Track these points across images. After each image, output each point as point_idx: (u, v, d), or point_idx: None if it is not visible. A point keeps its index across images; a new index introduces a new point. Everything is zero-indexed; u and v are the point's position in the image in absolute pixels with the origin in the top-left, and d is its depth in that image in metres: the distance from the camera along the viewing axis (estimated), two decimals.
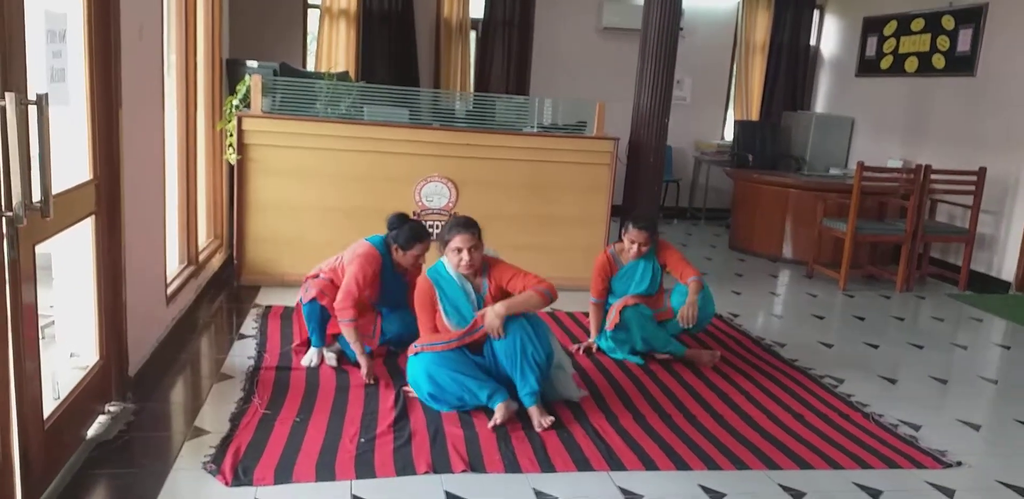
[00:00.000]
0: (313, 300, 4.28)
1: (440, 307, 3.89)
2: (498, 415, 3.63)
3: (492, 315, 3.69)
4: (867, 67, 9.34)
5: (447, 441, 3.47)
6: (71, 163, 3.30)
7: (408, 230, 4.29)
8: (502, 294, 3.87)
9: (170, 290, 4.61)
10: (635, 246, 4.72)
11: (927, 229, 7.09)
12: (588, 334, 5.01)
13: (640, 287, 4.81)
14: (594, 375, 4.43)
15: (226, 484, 3.02)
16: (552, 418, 3.70)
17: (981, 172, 6.97)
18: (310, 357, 4.32)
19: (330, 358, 4.32)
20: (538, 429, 3.63)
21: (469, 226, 3.82)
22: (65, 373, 3.39)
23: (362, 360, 4.14)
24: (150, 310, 4.19)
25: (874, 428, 3.94)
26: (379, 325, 4.44)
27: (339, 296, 4.16)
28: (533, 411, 3.69)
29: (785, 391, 4.38)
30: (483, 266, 3.94)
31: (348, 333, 4.15)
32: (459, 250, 3.78)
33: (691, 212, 10.48)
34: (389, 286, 4.42)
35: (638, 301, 4.71)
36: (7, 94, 2.34)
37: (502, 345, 3.72)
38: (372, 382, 4.08)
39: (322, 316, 4.31)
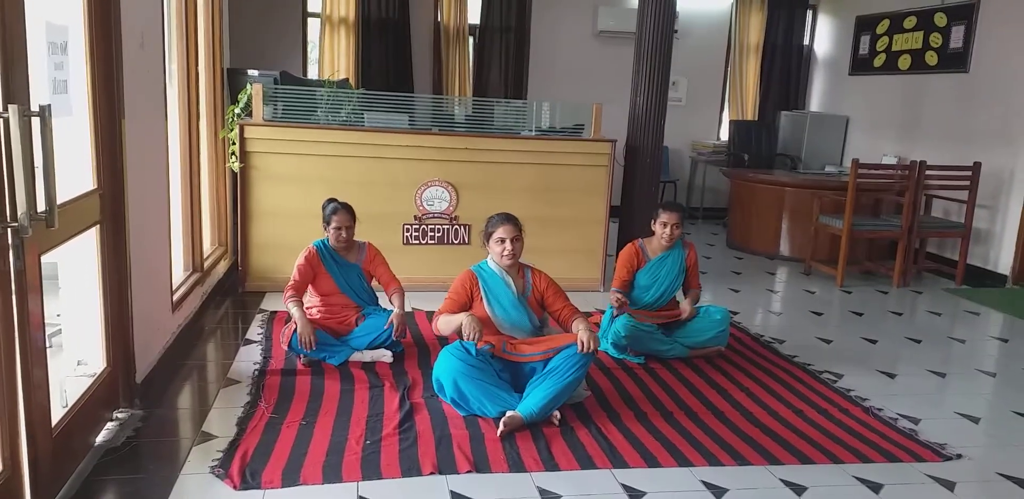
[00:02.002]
0: (293, 337, 4.37)
1: (485, 303, 4.04)
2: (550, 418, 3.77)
3: (589, 334, 3.76)
4: (860, 65, 9.39)
5: (452, 442, 3.51)
6: (75, 173, 3.34)
7: (329, 206, 4.62)
8: (542, 303, 4.12)
9: (176, 297, 4.64)
10: (668, 228, 4.78)
11: (923, 224, 7.14)
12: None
13: (666, 281, 4.87)
14: (595, 374, 4.47)
15: (234, 488, 3.05)
16: (558, 414, 3.76)
17: (976, 167, 7.01)
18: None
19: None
20: (555, 421, 3.72)
21: (512, 219, 4.08)
22: (73, 381, 3.42)
23: (299, 320, 4.32)
24: (156, 317, 4.22)
25: (874, 422, 3.98)
26: (359, 321, 4.62)
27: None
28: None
29: (785, 387, 4.42)
30: (526, 269, 4.17)
31: (290, 307, 4.39)
32: (502, 240, 4.02)
33: (688, 212, 10.50)
34: (339, 275, 4.63)
35: (645, 319, 4.76)
36: (10, 106, 2.38)
37: (566, 363, 3.78)
38: (307, 344, 4.27)
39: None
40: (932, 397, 4.47)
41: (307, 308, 4.53)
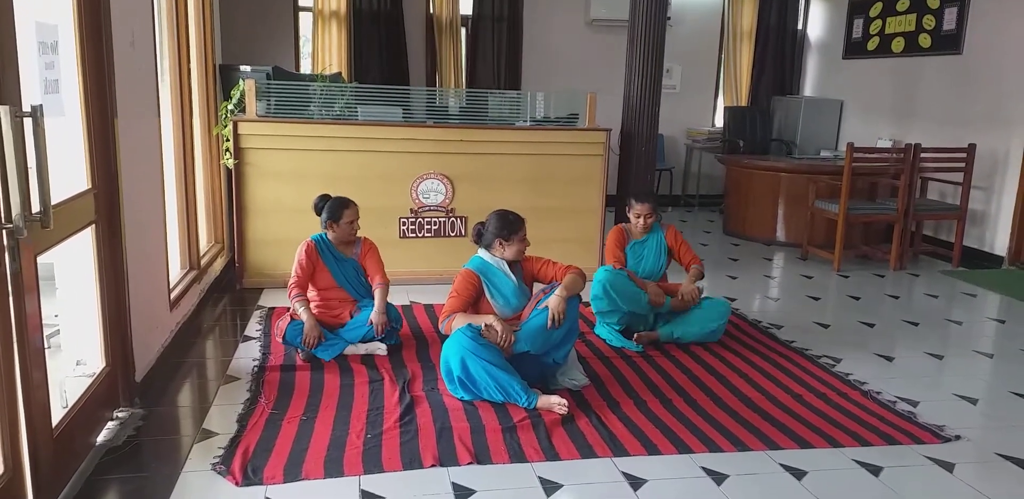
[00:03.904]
0: (288, 325, 4.44)
1: (489, 297, 4.17)
2: (554, 409, 3.76)
3: (558, 300, 3.95)
4: (854, 49, 9.38)
5: (453, 434, 3.52)
6: (69, 173, 3.34)
7: (332, 203, 4.60)
8: (532, 281, 4.29)
9: (173, 295, 4.65)
10: (641, 219, 4.91)
11: (919, 207, 7.15)
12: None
13: (649, 261, 4.98)
14: (594, 363, 4.48)
15: (236, 484, 3.06)
16: (565, 402, 3.77)
17: (970, 149, 7.02)
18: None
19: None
20: (562, 411, 3.72)
21: (523, 220, 4.24)
22: (72, 381, 3.43)
23: (307, 320, 4.38)
24: (154, 316, 4.23)
25: (872, 405, 4.00)
26: (354, 314, 4.63)
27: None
28: (553, 398, 3.78)
29: (783, 372, 4.44)
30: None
31: (297, 307, 4.44)
32: (523, 238, 4.22)
33: (685, 199, 10.52)
34: (337, 269, 4.65)
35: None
36: (1, 107, 2.37)
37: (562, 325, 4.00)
38: (311, 345, 4.36)
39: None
40: (930, 379, 4.49)
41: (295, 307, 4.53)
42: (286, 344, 4.45)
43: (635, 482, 3.18)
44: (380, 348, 4.51)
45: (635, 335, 4.77)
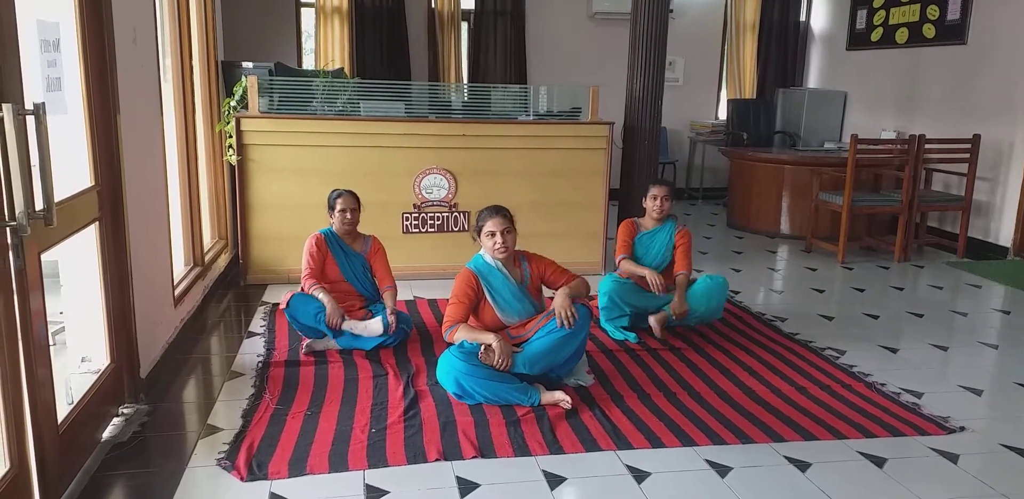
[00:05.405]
0: (295, 294, 4.51)
1: (490, 299, 4.02)
2: (559, 404, 3.76)
3: (563, 299, 3.88)
4: (858, 40, 9.35)
5: (457, 428, 3.53)
6: (73, 171, 3.35)
7: (331, 194, 4.66)
8: (541, 283, 4.15)
9: (177, 292, 4.66)
10: (658, 201, 4.92)
11: (923, 198, 7.14)
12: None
13: (657, 253, 5.00)
14: (598, 357, 4.49)
15: (241, 479, 3.07)
16: (568, 399, 3.77)
17: (975, 139, 7.00)
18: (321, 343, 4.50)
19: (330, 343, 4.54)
20: (566, 406, 3.72)
21: (501, 211, 4.00)
22: (77, 377, 3.44)
23: (328, 302, 4.42)
24: (158, 312, 4.24)
25: (877, 397, 4.00)
26: (365, 318, 4.60)
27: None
28: (558, 394, 3.78)
29: (787, 364, 4.44)
30: (521, 257, 4.15)
31: (320, 294, 4.47)
32: (492, 234, 3.96)
33: (688, 192, 10.51)
34: (345, 263, 4.68)
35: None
36: (3, 105, 2.38)
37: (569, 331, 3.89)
38: (335, 324, 4.40)
39: (305, 309, 4.47)
40: (935, 371, 4.48)
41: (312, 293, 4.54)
42: (288, 313, 4.48)
43: (639, 475, 3.18)
44: (375, 322, 4.48)
45: (654, 329, 4.81)
